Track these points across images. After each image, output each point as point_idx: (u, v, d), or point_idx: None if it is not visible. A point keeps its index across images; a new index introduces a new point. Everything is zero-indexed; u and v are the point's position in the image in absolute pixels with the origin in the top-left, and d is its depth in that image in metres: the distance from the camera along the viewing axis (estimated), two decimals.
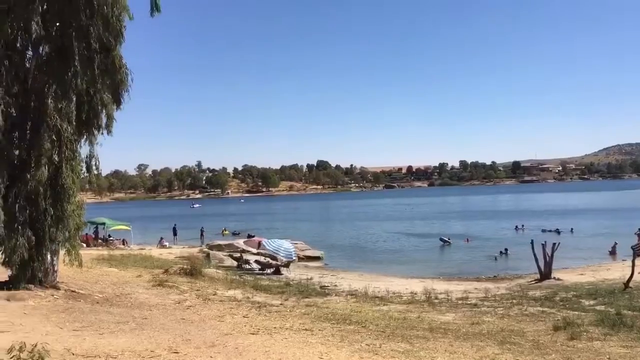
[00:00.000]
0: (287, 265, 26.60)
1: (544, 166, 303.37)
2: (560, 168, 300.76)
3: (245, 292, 16.45)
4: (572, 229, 46.82)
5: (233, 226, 61.23)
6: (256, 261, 27.47)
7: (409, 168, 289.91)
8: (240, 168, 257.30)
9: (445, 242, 41.61)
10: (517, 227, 51.41)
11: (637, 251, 20.35)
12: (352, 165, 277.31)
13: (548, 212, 71.84)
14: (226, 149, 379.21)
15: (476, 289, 19.78)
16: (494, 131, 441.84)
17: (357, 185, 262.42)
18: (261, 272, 25.33)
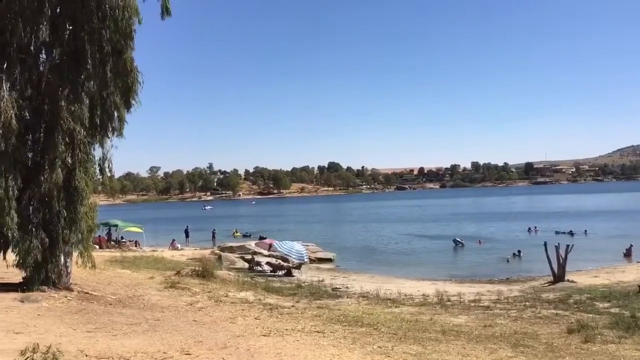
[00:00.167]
0: (299, 267, 26.59)
1: (557, 167, 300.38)
2: (573, 169, 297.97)
3: (257, 294, 16.47)
4: (586, 231, 46.35)
5: (244, 228, 61.21)
6: (268, 263, 27.43)
7: (421, 169, 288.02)
8: (251, 170, 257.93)
9: (458, 244, 41.44)
10: (530, 229, 50.84)
11: None
12: (364, 166, 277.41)
13: (561, 214, 71.15)
14: (237, 151, 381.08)
15: (489, 291, 19.65)
16: (506, 132, 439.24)
17: (369, 187, 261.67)
18: (273, 274, 25.30)
